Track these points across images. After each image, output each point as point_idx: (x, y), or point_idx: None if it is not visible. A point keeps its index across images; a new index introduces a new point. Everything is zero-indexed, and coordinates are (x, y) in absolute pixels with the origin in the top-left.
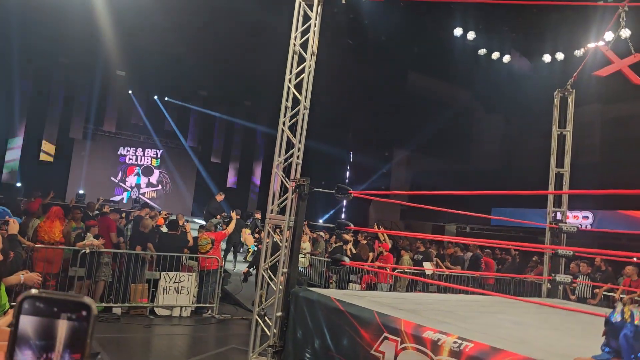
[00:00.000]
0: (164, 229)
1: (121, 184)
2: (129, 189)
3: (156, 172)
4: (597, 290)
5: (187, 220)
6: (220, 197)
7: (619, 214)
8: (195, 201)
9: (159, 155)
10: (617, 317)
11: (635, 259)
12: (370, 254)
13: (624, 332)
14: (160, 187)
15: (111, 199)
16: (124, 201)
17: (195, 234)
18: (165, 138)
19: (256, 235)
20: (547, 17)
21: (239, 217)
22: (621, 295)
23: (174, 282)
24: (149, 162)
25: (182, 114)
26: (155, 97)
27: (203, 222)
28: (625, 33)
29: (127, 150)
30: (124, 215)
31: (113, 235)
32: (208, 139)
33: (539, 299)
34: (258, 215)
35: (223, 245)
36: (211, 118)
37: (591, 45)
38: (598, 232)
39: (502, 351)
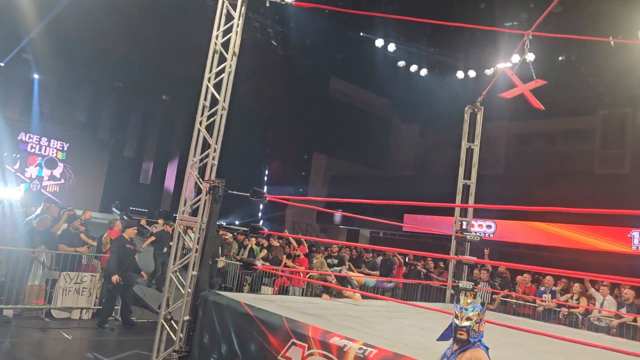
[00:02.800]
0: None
1: (19, 174)
2: (28, 181)
3: (61, 165)
4: (495, 296)
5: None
6: None
7: (519, 224)
8: (104, 196)
9: (65, 148)
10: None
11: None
12: (284, 257)
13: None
14: (63, 181)
15: None
16: (21, 192)
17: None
18: (74, 129)
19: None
20: (461, 36)
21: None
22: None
23: (75, 283)
24: (54, 154)
25: (94, 105)
26: (66, 85)
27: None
28: (530, 57)
29: (30, 138)
30: (23, 209)
31: (8, 231)
32: (122, 132)
33: (443, 305)
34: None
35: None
36: (126, 111)
37: (500, 65)
38: (499, 241)
39: (404, 357)
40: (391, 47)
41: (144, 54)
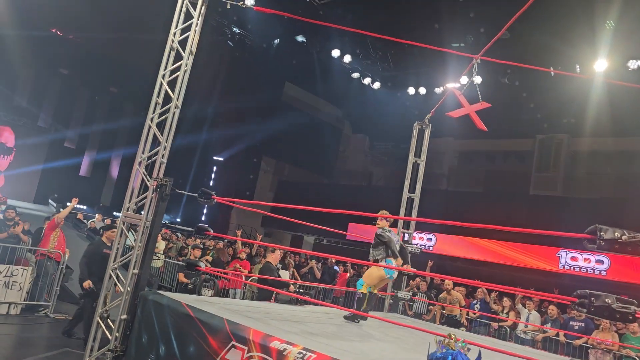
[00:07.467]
0: None
1: None
2: None
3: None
4: (431, 308)
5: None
6: None
7: (457, 239)
8: (40, 187)
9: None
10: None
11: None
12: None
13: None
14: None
15: None
16: None
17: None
18: (13, 114)
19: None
20: (414, 54)
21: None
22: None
23: (5, 276)
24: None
25: (36, 91)
26: (5, 67)
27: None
28: (477, 80)
29: None
30: None
31: None
32: (64, 122)
33: (381, 314)
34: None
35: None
36: (70, 100)
37: (449, 85)
38: (438, 254)
39: None
40: (347, 58)
41: (93, 42)
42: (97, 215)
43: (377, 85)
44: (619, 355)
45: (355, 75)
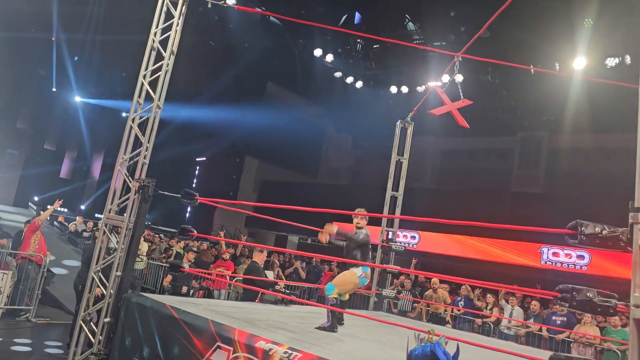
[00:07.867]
0: None
1: None
2: None
3: None
4: (416, 305)
5: None
6: None
7: (441, 236)
8: (20, 190)
9: None
10: (418, 347)
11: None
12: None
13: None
14: None
15: None
16: None
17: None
18: None
19: None
20: (397, 52)
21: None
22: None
23: None
24: None
25: (14, 92)
26: None
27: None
28: (458, 78)
29: None
30: None
31: None
32: (43, 123)
33: (366, 312)
34: None
35: None
36: (48, 98)
37: (431, 83)
38: (422, 252)
39: None
40: (329, 57)
41: (73, 43)
42: (78, 217)
43: (359, 84)
44: (600, 349)
45: (338, 74)
